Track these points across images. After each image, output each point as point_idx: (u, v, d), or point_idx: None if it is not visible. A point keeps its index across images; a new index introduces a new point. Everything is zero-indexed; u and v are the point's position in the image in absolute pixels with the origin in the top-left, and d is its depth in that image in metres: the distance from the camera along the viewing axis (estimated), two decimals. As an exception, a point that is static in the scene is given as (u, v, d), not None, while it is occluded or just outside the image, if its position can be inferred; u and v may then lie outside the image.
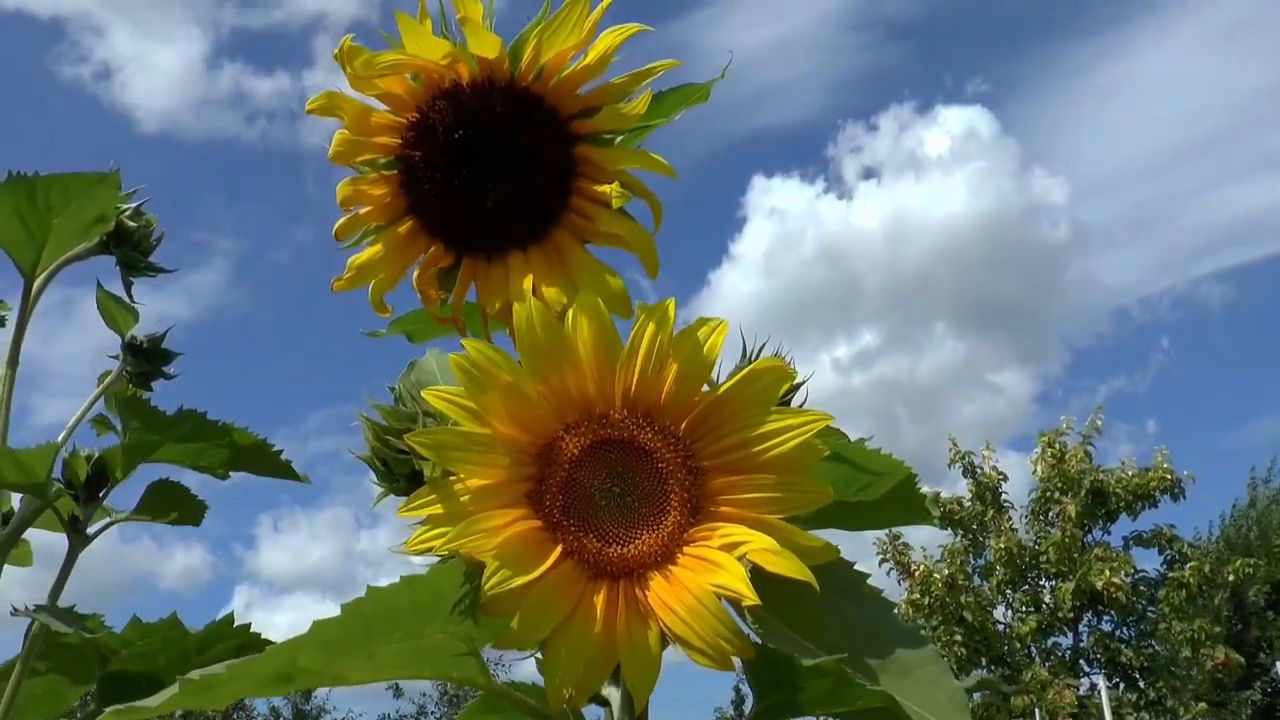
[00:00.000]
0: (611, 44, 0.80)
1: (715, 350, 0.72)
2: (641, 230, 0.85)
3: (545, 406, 0.72)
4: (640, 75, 0.81)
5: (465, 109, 0.82)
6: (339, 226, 0.86)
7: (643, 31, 0.81)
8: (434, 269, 0.88)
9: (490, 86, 0.81)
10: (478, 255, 0.87)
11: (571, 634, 0.70)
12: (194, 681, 0.63)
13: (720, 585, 0.68)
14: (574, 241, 0.86)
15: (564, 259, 0.86)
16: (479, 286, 0.87)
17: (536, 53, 0.80)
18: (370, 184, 0.85)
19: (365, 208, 0.86)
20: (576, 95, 0.83)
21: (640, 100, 0.81)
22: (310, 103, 0.82)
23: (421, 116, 0.82)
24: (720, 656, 0.68)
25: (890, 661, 0.69)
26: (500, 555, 0.69)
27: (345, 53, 0.78)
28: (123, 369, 1.64)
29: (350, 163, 0.84)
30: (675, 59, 0.82)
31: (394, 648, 0.70)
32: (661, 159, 0.83)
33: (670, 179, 0.84)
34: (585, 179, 0.85)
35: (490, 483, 0.72)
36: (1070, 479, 14.27)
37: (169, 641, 1.28)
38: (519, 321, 0.71)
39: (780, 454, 0.72)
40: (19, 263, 1.46)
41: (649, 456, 0.73)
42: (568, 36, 0.79)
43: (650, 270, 0.85)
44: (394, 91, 0.81)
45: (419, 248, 0.87)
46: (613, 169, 0.84)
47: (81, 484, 1.40)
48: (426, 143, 0.83)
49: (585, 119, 0.83)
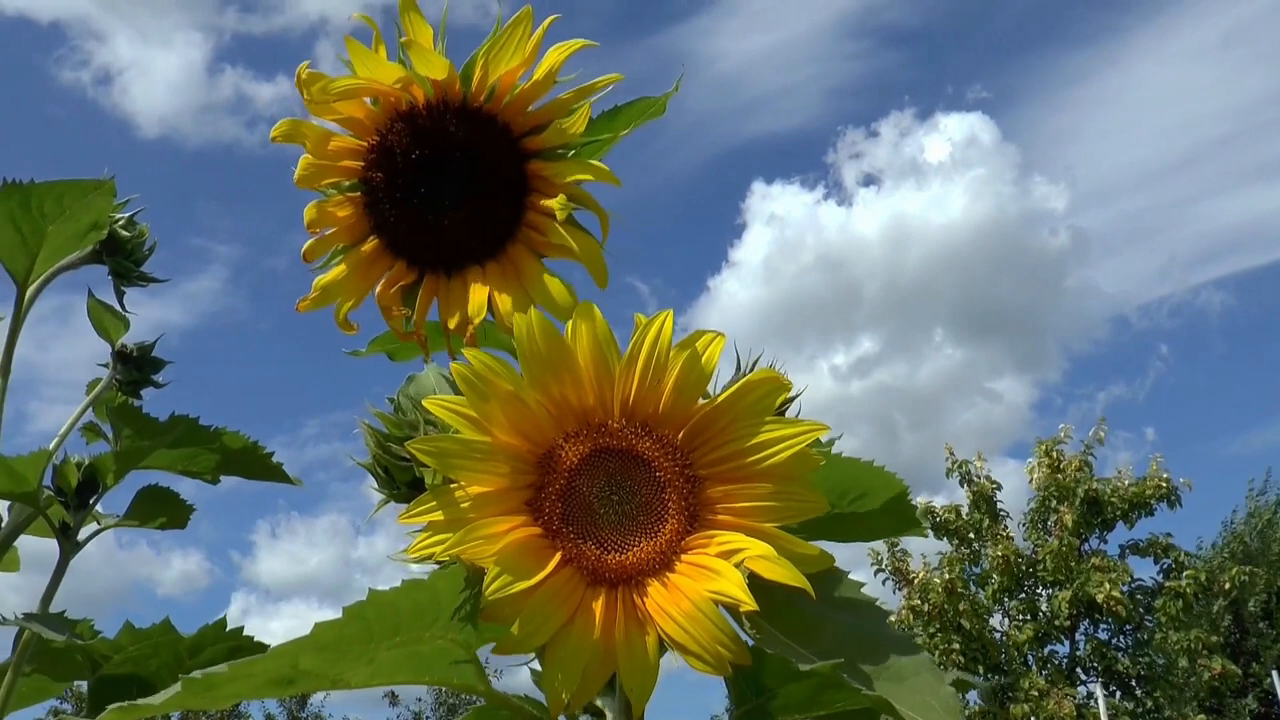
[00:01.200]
0: (556, 61, 0.83)
1: (713, 361, 0.73)
2: (588, 241, 0.87)
3: (545, 415, 0.73)
4: (583, 91, 0.84)
5: (421, 130, 0.84)
6: (307, 248, 0.88)
7: (588, 47, 0.83)
8: (397, 286, 0.89)
9: (444, 107, 0.84)
10: (438, 272, 0.90)
11: (570, 640, 0.71)
12: (196, 680, 0.63)
13: (718, 592, 0.69)
14: (529, 255, 0.88)
15: (519, 272, 0.88)
16: (440, 302, 0.90)
17: (485, 73, 0.82)
18: (335, 206, 0.87)
19: (331, 229, 0.88)
20: (527, 113, 0.85)
21: (578, 117, 0.83)
22: (274, 130, 0.84)
23: (381, 139, 0.85)
24: (718, 662, 0.69)
25: (884, 668, 0.70)
26: (501, 561, 0.70)
27: (303, 80, 0.81)
28: (112, 377, 1.64)
29: (316, 186, 0.86)
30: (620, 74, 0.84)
31: (394, 652, 0.71)
32: (606, 169, 0.85)
33: (616, 187, 0.86)
34: (537, 194, 0.87)
35: (490, 490, 0.72)
36: (1066, 488, 14.33)
37: (161, 646, 1.28)
38: (519, 331, 0.72)
39: (776, 463, 0.73)
40: (12, 271, 1.46)
41: (647, 465, 0.74)
42: (512, 56, 0.82)
43: (597, 279, 0.87)
44: (355, 116, 0.84)
45: (383, 266, 0.89)
46: (560, 182, 0.86)
47: (72, 491, 1.40)
48: (386, 164, 0.85)
49: (535, 135, 0.85)
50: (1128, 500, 14.10)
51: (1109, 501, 14.12)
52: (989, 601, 14.32)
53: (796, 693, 0.71)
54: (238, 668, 0.65)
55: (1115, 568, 13.88)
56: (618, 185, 0.85)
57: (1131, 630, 14.28)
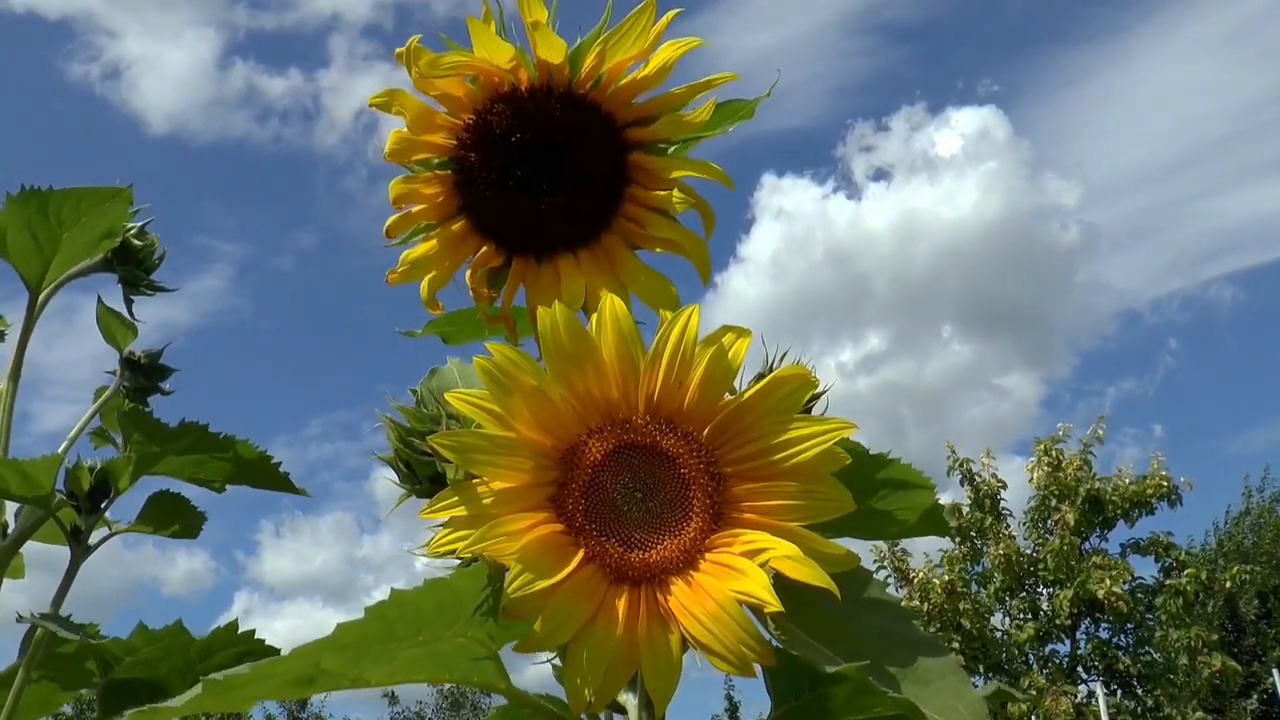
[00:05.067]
0: (672, 56, 0.82)
1: (739, 358, 0.72)
2: (695, 236, 0.87)
3: (568, 410, 0.72)
4: (700, 86, 0.83)
5: (524, 113, 0.83)
6: (391, 223, 0.87)
7: (703, 46, 0.83)
8: (484, 268, 0.89)
9: (549, 92, 0.83)
10: (528, 257, 0.89)
11: (593, 638, 0.70)
12: (217, 682, 0.62)
13: (743, 592, 0.68)
14: (623, 246, 0.87)
15: (613, 263, 0.87)
16: (528, 287, 0.89)
17: (599, 60, 0.81)
18: (423, 183, 0.86)
19: (417, 206, 0.87)
20: (633, 104, 0.84)
21: (703, 109, 0.82)
22: (373, 97, 0.83)
23: (479, 118, 0.84)
24: (742, 663, 0.68)
25: (910, 670, 0.70)
26: (523, 559, 0.69)
27: (411, 52, 0.80)
28: (120, 384, 1.63)
29: (405, 161, 0.85)
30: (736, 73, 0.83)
31: (415, 651, 0.70)
32: (718, 168, 0.84)
33: (728, 188, 0.85)
34: (638, 186, 0.87)
35: (513, 486, 0.72)
36: (1066, 487, 14.27)
37: (172, 648, 1.27)
38: (543, 325, 0.72)
39: (802, 461, 0.72)
40: (26, 276, 1.46)
41: (672, 462, 0.73)
42: (631, 46, 0.81)
43: (704, 274, 0.86)
44: (452, 93, 0.82)
45: (470, 247, 0.89)
46: (668, 176, 0.85)
47: (84, 495, 1.39)
48: (483, 144, 0.84)
49: (641, 127, 0.85)
50: (1128, 499, 14.04)
51: (1110, 500, 14.06)
52: (990, 600, 14.24)
53: (838, 694, 0.70)
54: (259, 668, 0.64)
55: (1116, 566, 13.80)
56: (731, 187, 0.85)
57: (1132, 629, 14.20)
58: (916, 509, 0.88)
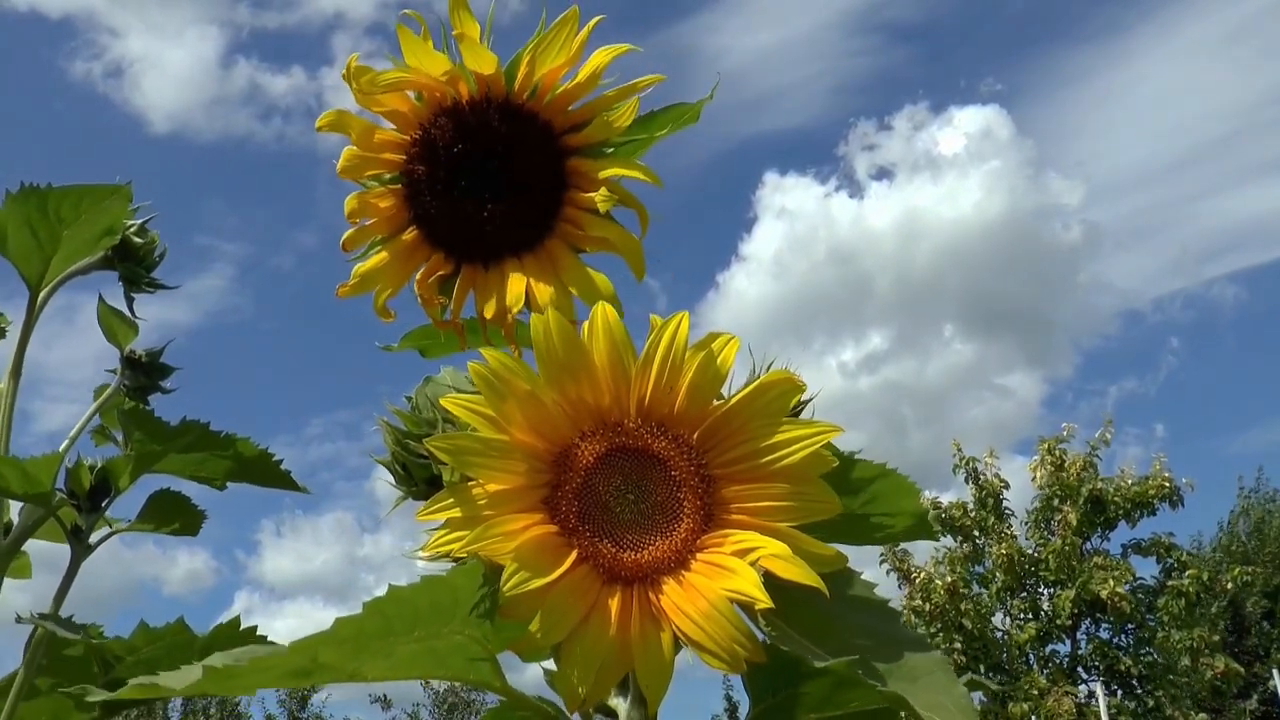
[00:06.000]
0: (601, 63, 0.85)
1: (728, 363, 0.74)
2: (628, 235, 0.89)
3: (561, 414, 0.74)
4: (626, 90, 0.86)
5: (465, 125, 0.86)
6: (347, 238, 0.90)
7: (632, 51, 0.85)
8: (435, 277, 0.92)
9: (488, 103, 0.86)
10: (476, 263, 0.92)
11: (586, 637, 0.71)
12: (217, 669, 0.64)
13: (734, 590, 0.70)
14: (565, 248, 0.90)
15: (555, 264, 0.90)
16: (476, 293, 0.92)
17: (530, 70, 0.84)
18: (376, 197, 0.89)
19: (371, 219, 0.90)
20: (569, 111, 0.87)
21: (625, 111, 0.85)
22: (319, 120, 0.86)
23: (424, 133, 0.87)
24: (734, 660, 0.69)
25: (898, 666, 0.71)
26: (518, 558, 0.70)
27: (352, 72, 0.83)
28: (120, 382, 1.65)
29: (358, 177, 0.88)
30: (662, 74, 0.86)
31: (411, 647, 0.71)
32: (646, 168, 0.87)
33: (658, 187, 0.88)
34: (576, 189, 0.90)
35: (508, 488, 0.73)
36: (1069, 487, 14.30)
37: (175, 646, 1.28)
38: (536, 332, 0.73)
39: (791, 464, 0.73)
40: (26, 274, 1.47)
41: (663, 465, 0.75)
42: (557, 55, 0.84)
43: (636, 272, 0.89)
44: (399, 109, 0.86)
45: (421, 257, 0.91)
46: (600, 178, 0.88)
47: (85, 494, 1.40)
48: (429, 158, 0.87)
49: (576, 133, 0.88)
50: (1130, 499, 14.07)
51: (1112, 501, 14.10)
52: (991, 600, 14.28)
53: (815, 690, 0.72)
54: (258, 659, 0.65)
55: (1117, 567, 13.84)
56: (659, 186, 0.87)
57: (1134, 629, 14.24)
58: (905, 515, 0.89)
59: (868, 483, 0.88)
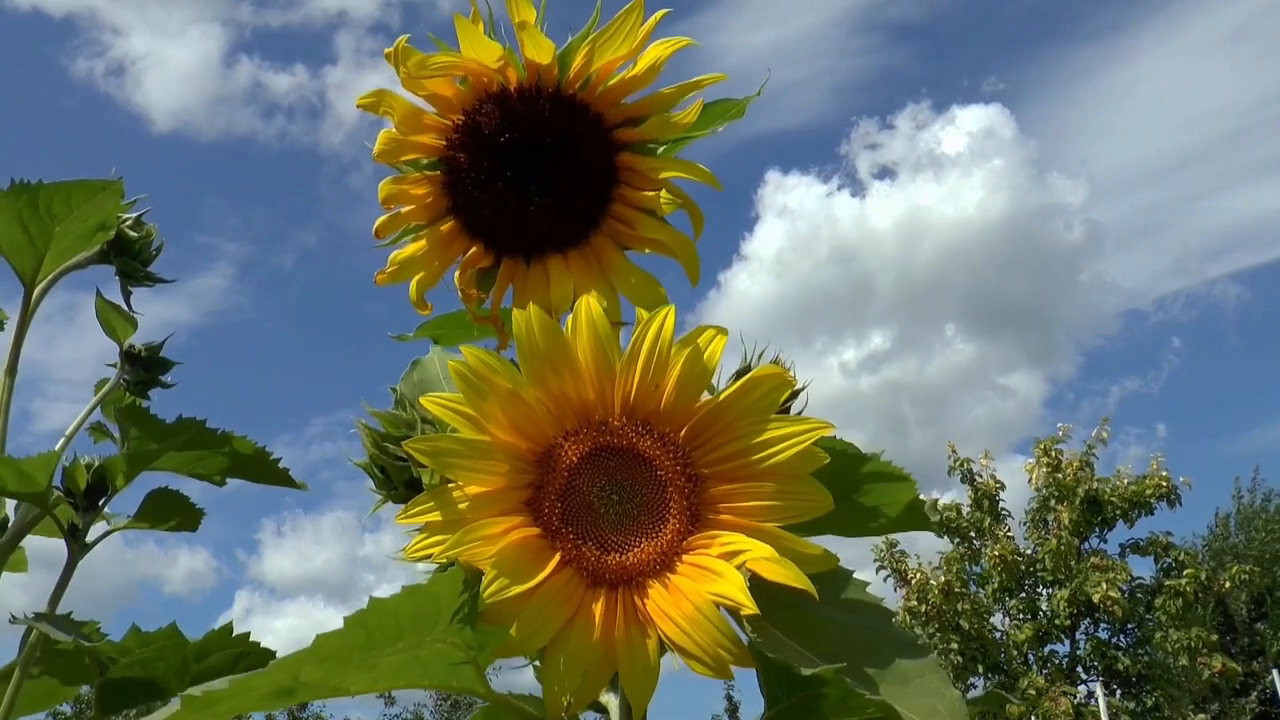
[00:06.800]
0: (660, 55, 0.81)
1: (715, 358, 0.72)
2: (682, 236, 0.86)
3: (544, 413, 0.72)
4: (689, 86, 0.82)
5: (512, 113, 0.82)
6: (380, 224, 0.86)
7: (691, 46, 0.82)
8: (473, 269, 0.88)
9: (538, 92, 0.82)
10: (517, 257, 0.88)
11: (570, 642, 0.70)
12: (196, 698, 0.62)
13: (719, 594, 0.68)
14: (612, 247, 0.87)
15: (602, 264, 0.87)
16: (516, 288, 0.88)
17: (588, 60, 0.80)
18: (412, 183, 0.86)
19: (407, 206, 0.86)
20: (622, 104, 0.83)
21: (691, 110, 0.81)
22: (361, 98, 0.82)
23: (468, 119, 0.83)
24: (719, 665, 0.68)
25: (889, 670, 0.69)
26: (499, 563, 0.69)
27: (399, 52, 0.79)
28: (120, 378, 1.63)
29: (394, 161, 0.85)
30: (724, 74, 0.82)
31: (394, 659, 0.70)
32: (707, 170, 0.83)
33: (716, 189, 0.85)
34: (627, 186, 0.86)
35: (489, 490, 0.72)
36: (1065, 488, 14.26)
37: (168, 650, 1.27)
38: (518, 327, 0.71)
39: (779, 462, 0.71)
40: (19, 270, 1.46)
41: (648, 464, 0.73)
42: (619, 46, 0.80)
43: (692, 276, 0.86)
44: (441, 94, 0.82)
45: (459, 248, 0.88)
46: (657, 177, 0.84)
47: (81, 492, 1.39)
48: (472, 145, 0.83)
49: (630, 127, 0.84)
50: (1127, 499, 14.02)
51: (1109, 501, 14.05)
52: (989, 601, 14.26)
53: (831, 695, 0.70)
54: (238, 683, 0.64)
55: (1115, 567, 13.80)
56: (719, 188, 0.84)
57: (1132, 629, 14.22)
58: (898, 504, 0.87)
59: (860, 473, 0.86)
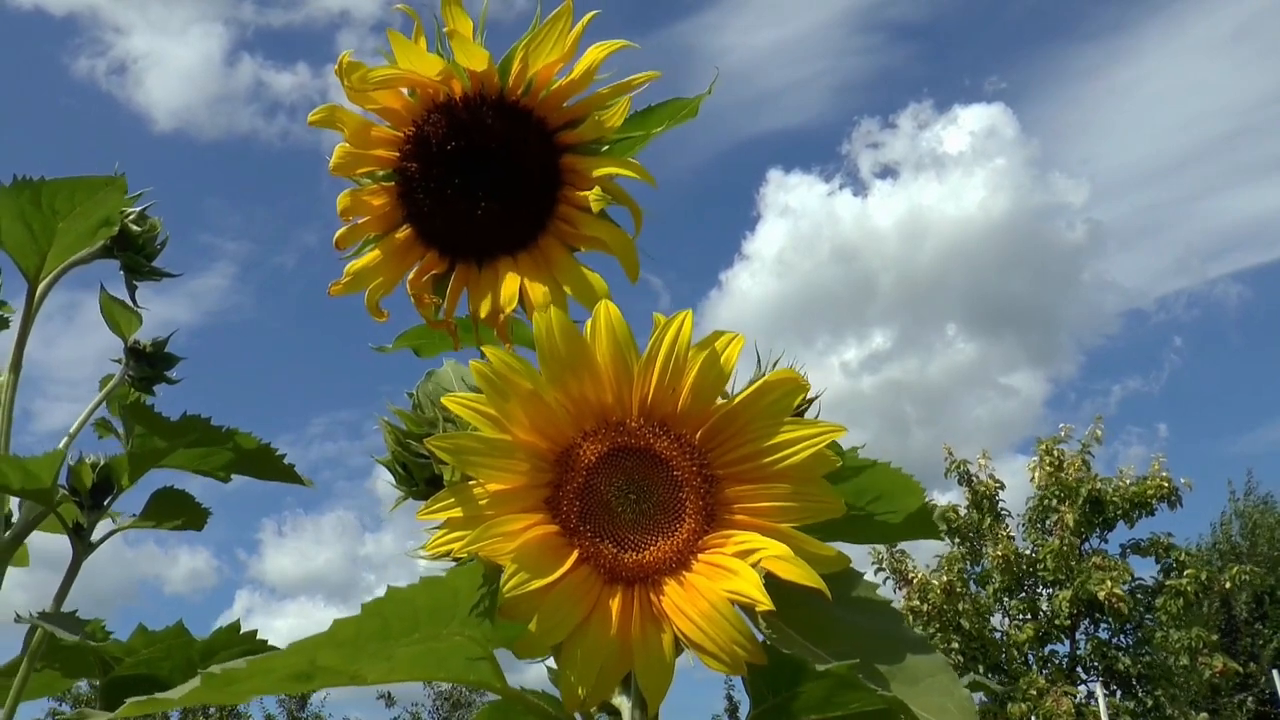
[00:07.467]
0: (596, 58, 0.83)
1: (731, 362, 0.73)
2: (621, 234, 0.88)
3: (564, 414, 0.73)
4: (621, 87, 0.84)
5: (458, 122, 0.85)
6: (339, 236, 0.89)
7: (627, 47, 0.84)
8: (428, 275, 0.91)
9: (481, 100, 0.85)
10: (469, 262, 0.91)
11: (587, 638, 0.71)
12: (215, 676, 0.63)
13: (735, 591, 0.69)
14: (560, 247, 0.89)
15: (550, 263, 0.89)
16: (470, 291, 0.91)
17: (524, 66, 0.83)
18: (369, 194, 0.88)
19: (364, 217, 0.89)
20: (563, 108, 0.86)
21: (616, 110, 0.83)
22: (311, 115, 0.85)
23: (417, 130, 0.86)
24: (735, 661, 0.69)
25: (900, 669, 0.71)
26: (519, 558, 0.70)
27: (343, 68, 0.81)
28: (125, 373, 1.64)
29: (350, 174, 0.87)
30: (658, 71, 0.85)
31: (411, 649, 0.71)
32: (640, 166, 0.86)
33: (651, 185, 0.87)
34: (570, 187, 0.88)
35: (509, 488, 0.73)
36: (1068, 487, 14.30)
37: (174, 649, 1.28)
38: (539, 330, 0.73)
39: (793, 464, 0.73)
40: (23, 267, 1.46)
41: (665, 464, 0.74)
42: (551, 51, 0.82)
43: (630, 272, 0.88)
44: (392, 106, 0.84)
45: (414, 255, 0.90)
46: (593, 176, 0.87)
47: (87, 491, 1.39)
48: (422, 155, 0.86)
49: (571, 130, 0.86)
50: (1129, 500, 14.08)
51: (1110, 501, 14.10)
52: (989, 601, 14.30)
53: (814, 692, 0.72)
54: (256, 663, 0.65)
55: (1116, 567, 13.85)
56: (652, 184, 0.86)
57: (1132, 629, 14.26)
58: (904, 512, 0.89)
59: (870, 480, 0.88)
